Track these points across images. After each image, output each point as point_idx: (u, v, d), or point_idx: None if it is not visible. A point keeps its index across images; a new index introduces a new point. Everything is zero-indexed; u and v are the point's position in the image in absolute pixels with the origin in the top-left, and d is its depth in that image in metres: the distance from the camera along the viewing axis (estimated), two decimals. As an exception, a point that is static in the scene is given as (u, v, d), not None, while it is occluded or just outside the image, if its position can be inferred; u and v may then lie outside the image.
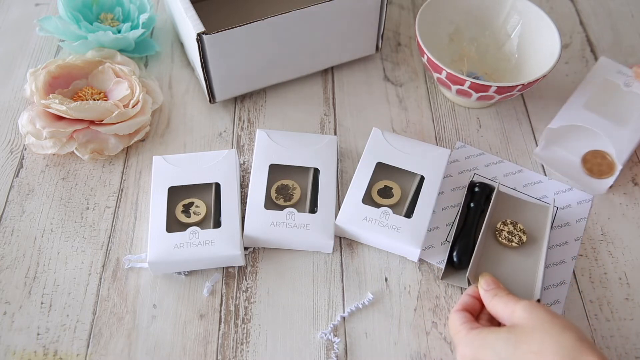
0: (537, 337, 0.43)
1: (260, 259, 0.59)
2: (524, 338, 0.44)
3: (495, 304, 0.49)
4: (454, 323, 0.50)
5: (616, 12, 0.84)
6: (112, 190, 0.63)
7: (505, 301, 0.48)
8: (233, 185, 0.59)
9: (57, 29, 0.72)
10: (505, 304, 0.48)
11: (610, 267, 0.59)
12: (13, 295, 0.56)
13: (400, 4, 0.83)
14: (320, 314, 0.56)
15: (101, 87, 0.69)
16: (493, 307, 0.50)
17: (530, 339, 0.43)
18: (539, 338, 0.43)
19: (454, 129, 0.70)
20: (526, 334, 0.44)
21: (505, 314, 0.48)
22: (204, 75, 0.65)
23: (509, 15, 0.73)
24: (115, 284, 0.57)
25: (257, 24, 0.62)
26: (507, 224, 0.60)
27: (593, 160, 0.65)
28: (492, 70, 0.73)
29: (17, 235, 0.60)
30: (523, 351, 0.43)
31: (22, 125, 0.65)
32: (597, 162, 0.65)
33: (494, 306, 0.50)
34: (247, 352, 0.53)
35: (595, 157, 0.65)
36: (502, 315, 0.48)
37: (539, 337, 0.43)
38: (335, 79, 0.74)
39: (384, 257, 0.59)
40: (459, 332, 0.49)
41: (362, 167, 0.62)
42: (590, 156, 0.66)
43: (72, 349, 0.53)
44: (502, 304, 0.49)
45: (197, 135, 0.68)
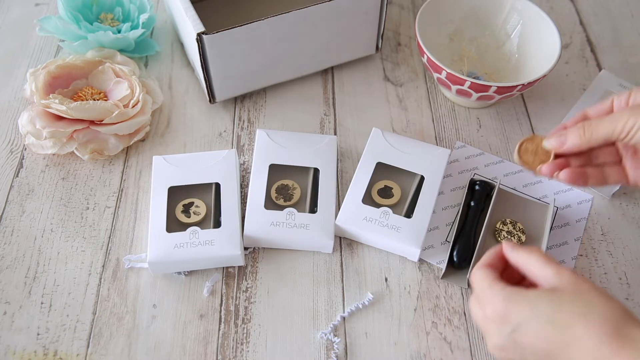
0: (584, 300, 0.41)
1: (260, 259, 0.59)
2: (570, 299, 0.41)
3: (531, 262, 0.45)
4: (483, 278, 0.46)
5: (616, 12, 0.84)
6: (112, 190, 0.63)
7: (544, 260, 0.44)
8: (233, 185, 0.59)
9: (57, 29, 0.72)
10: (545, 264, 0.44)
11: (610, 267, 0.59)
12: (13, 295, 0.56)
13: (400, 4, 0.83)
14: (320, 314, 0.56)
15: (101, 87, 0.68)
16: (526, 264, 0.45)
17: (576, 302, 0.41)
18: (587, 302, 0.41)
19: (454, 129, 0.70)
20: (572, 296, 0.41)
21: (543, 274, 0.44)
22: (204, 75, 0.65)
23: (509, 15, 0.73)
24: (115, 284, 0.57)
25: (257, 24, 0.62)
26: (506, 223, 0.60)
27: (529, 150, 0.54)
28: (492, 70, 0.73)
29: (17, 235, 0.60)
30: (568, 311, 0.41)
31: (22, 125, 0.65)
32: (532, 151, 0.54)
33: (527, 264, 0.45)
34: (247, 352, 0.53)
35: (528, 149, 0.54)
36: (539, 275, 0.44)
37: (587, 301, 0.41)
38: (335, 79, 0.74)
39: (384, 257, 0.59)
40: (490, 287, 0.45)
41: (362, 167, 0.62)
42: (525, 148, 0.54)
43: (72, 349, 0.53)
44: (540, 263, 0.44)
45: (197, 135, 0.68)
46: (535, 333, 0.42)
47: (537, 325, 0.42)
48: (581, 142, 0.49)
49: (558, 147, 0.50)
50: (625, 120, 0.46)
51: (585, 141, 0.49)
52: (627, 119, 0.46)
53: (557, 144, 0.50)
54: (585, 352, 0.40)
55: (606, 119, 0.48)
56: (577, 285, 0.42)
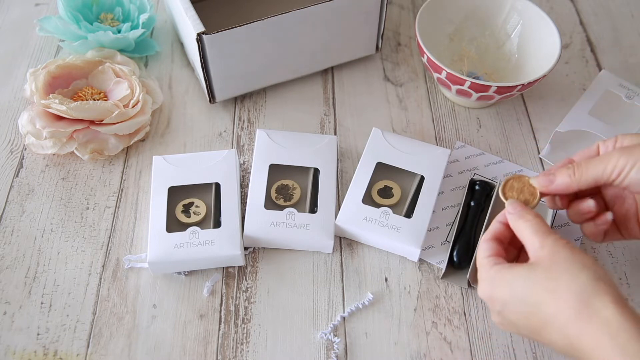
0: (554, 275, 0.42)
1: (260, 259, 0.59)
2: (542, 275, 0.42)
3: (522, 228, 0.46)
4: (480, 254, 0.47)
5: (616, 12, 0.84)
6: (112, 190, 0.64)
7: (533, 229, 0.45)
8: (233, 185, 0.59)
9: (57, 29, 0.72)
10: (534, 233, 0.45)
11: (610, 267, 0.59)
12: (13, 295, 0.56)
13: (400, 4, 0.83)
14: (320, 314, 0.56)
15: (101, 87, 0.69)
16: (519, 231, 0.46)
17: (547, 277, 0.42)
18: (556, 276, 0.41)
19: (454, 129, 0.70)
20: (545, 272, 0.42)
21: (531, 244, 0.45)
22: (204, 75, 0.65)
23: (509, 15, 0.73)
24: (115, 284, 0.57)
25: (257, 24, 0.62)
26: (507, 224, 0.60)
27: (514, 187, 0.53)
28: (492, 70, 0.73)
29: (17, 235, 0.60)
30: (539, 289, 0.42)
31: (22, 125, 0.65)
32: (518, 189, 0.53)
33: (520, 231, 0.46)
34: (247, 352, 0.53)
35: (514, 186, 0.53)
36: (528, 244, 0.45)
37: (556, 275, 0.42)
38: (335, 79, 0.74)
39: (384, 257, 0.59)
40: (482, 265, 0.46)
41: (362, 167, 0.62)
42: (511, 185, 0.53)
43: (72, 349, 0.53)
44: (529, 231, 0.45)
45: (197, 135, 0.68)
46: (516, 313, 0.43)
47: (515, 306, 0.43)
48: (571, 182, 0.48)
49: (546, 186, 0.50)
50: (615, 161, 0.46)
51: (575, 181, 0.48)
52: (617, 160, 0.45)
53: (545, 182, 0.50)
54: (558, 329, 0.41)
55: (596, 160, 0.47)
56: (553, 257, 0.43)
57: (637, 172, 0.45)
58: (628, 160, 0.45)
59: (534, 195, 0.52)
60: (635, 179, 0.45)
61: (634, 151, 0.45)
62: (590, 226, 0.50)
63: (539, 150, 0.68)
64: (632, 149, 0.46)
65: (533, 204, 0.51)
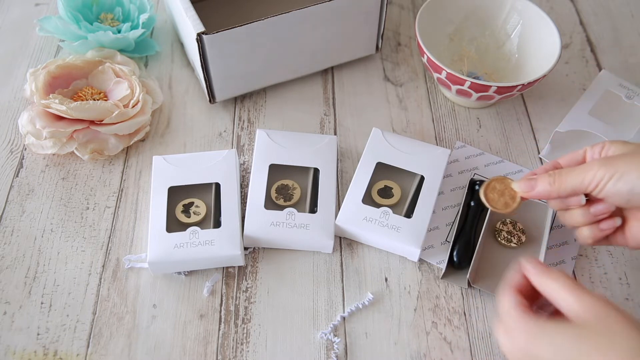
0: (605, 334, 0.39)
1: (260, 259, 0.59)
2: (591, 334, 0.39)
3: (551, 286, 0.43)
4: (506, 305, 0.44)
5: (616, 12, 0.84)
6: (112, 190, 0.63)
7: (566, 286, 0.42)
8: (233, 185, 0.59)
9: (57, 29, 0.72)
10: (568, 291, 0.42)
11: (610, 267, 0.59)
12: (13, 295, 0.56)
13: (400, 4, 0.83)
14: (320, 314, 0.56)
15: (101, 87, 0.69)
16: (547, 288, 0.43)
17: (597, 336, 0.39)
18: (608, 336, 0.39)
19: (454, 129, 0.70)
20: (593, 331, 0.39)
21: (566, 303, 0.42)
22: (204, 75, 0.65)
23: (509, 15, 0.73)
24: (115, 284, 0.57)
25: (257, 24, 0.62)
26: (506, 223, 0.60)
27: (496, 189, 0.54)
28: (492, 70, 0.73)
29: (17, 235, 0.60)
30: (588, 348, 0.39)
31: (22, 125, 0.65)
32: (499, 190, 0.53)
33: (548, 287, 0.43)
34: (247, 352, 0.53)
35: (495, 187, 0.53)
36: (561, 302, 0.42)
37: (608, 334, 0.39)
38: (335, 79, 0.74)
39: (384, 257, 0.59)
40: (513, 316, 0.43)
41: (362, 167, 0.62)
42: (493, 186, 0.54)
43: (72, 349, 0.53)
44: (561, 288, 0.42)
45: (197, 135, 0.68)
46: None
47: None
48: (550, 190, 0.48)
49: (527, 191, 0.50)
50: (594, 172, 0.45)
51: (554, 190, 0.48)
52: (596, 171, 0.45)
53: (527, 188, 0.50)
54: None
55: (576, 170, 0.47)
56: (599, 314, 0.40)
57: (614, 185, 0.44)
58: (606, 172, 0.45)
59: (514, 199, 0.52)
60: (611, 191, 0.45)
61: (613, 162, 0.45)
62: (594, 229, 0.49)
63: (539, 150, 0.68)
64: (612, 160, 0.45)
65: (512, 207, 0.52)
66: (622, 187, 0.44)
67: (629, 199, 0.44)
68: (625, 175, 0.44)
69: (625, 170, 0.44)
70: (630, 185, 0.44)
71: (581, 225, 0.50)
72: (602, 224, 0.48)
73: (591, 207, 0.48)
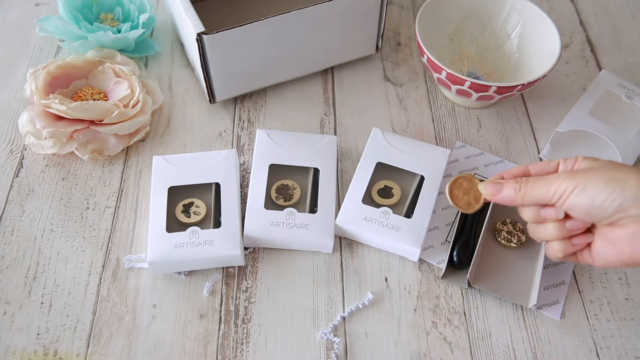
0: None
1: (260, 259, 0.59)
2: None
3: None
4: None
5: (616, 12, 0.84)
6: (112, 190, 0.63)
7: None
8: (233, 185, 0.59)
9: (57, 29, 0.72)
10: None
11: (611, 267, 0.59)
12: (13, 295, 0.56)
13: (400, 4, 0.83)
14: (320, 314, 0.56)
15: (101, 87, 0.69)
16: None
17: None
18: None
19: (454, 129, 0.70)
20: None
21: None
22: (204, 75, 0.65)
23: (509, 15, 0.73)
24: (115, 284, 0.57)
25: (257, 24, 0.62)
26: (506, 223, 0.60)
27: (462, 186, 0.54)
28: (492, 70, 0.73)
29: (17, 235, 0.60)
30: None
31: (22, 125, 0.65)
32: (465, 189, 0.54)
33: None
34: (247, 352, 0.53)
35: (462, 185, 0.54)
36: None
37: None
38: (335, 79, 0.74)
39: (384, 257, 0.59)
40: None
41: (362, 167, 0.62)
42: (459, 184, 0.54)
43: (72, 349, 0.53)
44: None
45: (197, 135, 0.68)
46: None
47: None
48: (515, 197, 0.49)
49: (492, 195, 0.50)
50: (559, 184, 0.46)
51: (519, 198, 0.48)
52: (560, 182, 0.46)
53: (492, 191, 0.50)
54: None
55: (543, 180, 0.47)
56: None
57: (575, 197, 0.45)
58: (569, 185, 0.45)
59: (478, 200, 0.52)
60: (573, 203, 0.45)
61: (577, 175, 0.45)
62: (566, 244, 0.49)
63: (539, 150, 0.68)
64: (577, 173, 0.46)
65: (475, 209, 0.52)
66: (582, 199, 0.44)
67: (589, 212, 0.45)
68: (587, 188, 0.44)
69: (587, 183, 0.44)
70: (591, 198, 0.44)
71: (553, 239, 0.49)
72: (575, 239, 0.48)
73: (567, 222, 0.48)
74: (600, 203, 0.44)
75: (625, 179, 0.43)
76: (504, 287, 0.57)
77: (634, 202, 0.43)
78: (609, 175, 0.44)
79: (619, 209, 0.43)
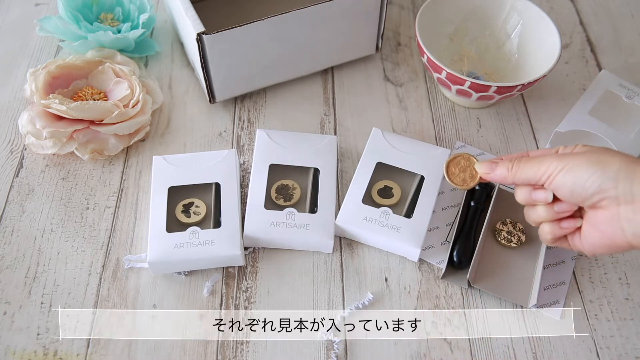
0: None
1: (260, 259, 0.59)
2: None
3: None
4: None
5: (616, 12, 0.84)
6: (112, 190, 0.63)
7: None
8: (233, 185, 0.59)
9: (57, 29, 0.72)
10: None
11: (610, 267, 0.59)
12: (13, 295, 0.56)
13: (400, 4, 0.83)
14: (320, 314, 0.56)
15: (101, 87, 0.69)
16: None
17: None
18: None
19: (454, 129, 0.70)
20: None
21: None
22: (204, 75, 0.65)
23: (509, 15, 0.73)
24: (115, 284, 0.57)
25: (257, 24, 0.62)
26: (506, 223, 0.60)
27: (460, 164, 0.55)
28: (492, 70, 0.73)
29: (17, 235, 0.60)
30: None
31: (22, 125, 0.65)
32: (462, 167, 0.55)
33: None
34: (247, 352, 0.53)
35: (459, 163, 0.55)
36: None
37: None
38: (335, 79, 0.74)
39: (384, 257, 0.59)
40: None
41: (362, 167, 0.62)
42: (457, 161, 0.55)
43: (72, 349, 0.53)
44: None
45: (197, 135, 0.68)
46: None
47: None
48: (507, 176, 0.50)
49: (486, 173, 0.52)
50: (548, 164, 0.47)
51: (510, 176, 0.50)
52: (550, 163, 0.47)
53: (487, 169, 0.52)
54: None
55: (533, 160, 0.48)
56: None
57: (562, 176, 0.46)
58: (558, 165, 0.46)
59: (474, 178, 0.54)
60: (559, 182, 0.46)
61: (566, 157, 0.46)
62: (555, 227, 0.50)
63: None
64: (567, 156, 0.47)
65: (469, 186, 0.54)
66: (567, 179, 0.46)
67: (572, 192, 0.46)
68: (573, 169, 0.46)
69: (574, 164, 0.46)
70: (575, 177, 0.45)
71: (544, 221, 0.51)
72: (563, 222, 0.50)
73: (555, 205, 0.49)
74: (582, 183, 0.45)
75: (609, 161, 0.45)
76: (504, 287, 0.57)
77: (613, 182, 0.44)
78: (595, 158, 0.45)
79: (599, 190, 0.44)
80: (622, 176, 0.43)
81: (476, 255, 0.57)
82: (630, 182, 0.43)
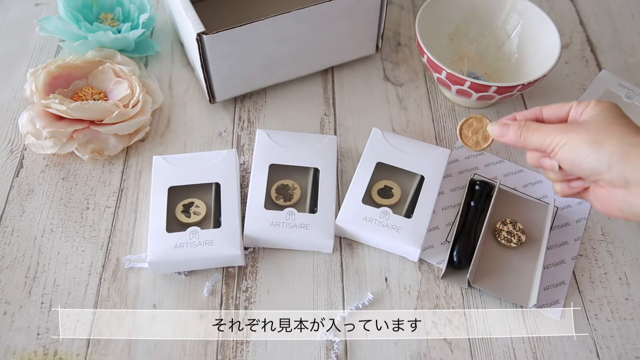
0: None
1: (260, 259, 0.59)
2: None
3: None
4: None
5: (616, 12, 0.84)
6: (112, 190, 0.64)
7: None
8: (233, 185, 0.59)
9: (57, 29, 0.72)
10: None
11: (610, 267, 0.59)
12: (13, 295, 0.56)
13: (400, 4, 0.83)
14: (320, 314, 0.56)
15: (101, 87, 0.69)
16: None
17: None
18: None
19: (454, 129, 0.70)
20: None
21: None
22: (204, 75, 0.65)
23: (509, 15, 0.73)
24: (115, 284, 0.57)
25: (257, 24, 0.62)
26: (506, 223, 0.60)
27: (472, 126, 0.56)
28: (492, 70, 0.73)
29: (17, 235, 0.60)
30: None
31: (22, 125, 0.65)
32: (475, 129, 0.56)
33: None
34: (247, 352, 0.53)
35: (472, 124, 0.56)
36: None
37: None
38: (335, 79, 0.74)
39: (384, 257, 0.59)
40: None
41: (362, 167, 0.62)
42: (470, 123, 0.56)
43: (72, 349, 0.53)
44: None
45: (197, 135, 0.68)
46: None
47: None
48: (516, 141, 0.51)
49: (498, 136, 0.53)
50: (553, 137, 0.48)
51: (519, 142, 0.51)
52: (555, 136, 0.48)
53: (499, 133, 0.53)
54: None
55: (541, 130, 0.49)
56: None
57: (564, 152, 0.47)
58: (561, 139, 0.47)
59: (487, 139, 0.54)
60: (561, 157, 0.47)
61: (569, 131, 0.47)
62: (565, 186, 0.51)
63: (539, 150, 0.68)
64: (570, 129, 0.47)
65: (482, 147, 0.54)
66: (567, 155, 0.47)
67: (571, 168, 0.47)
68: (573, 147, 0.46)
69: (575, 142, 0.46)
70: (573, 155, 0.46)
71: (554, 181, 0.53)
72: (572, 182, 0.51)
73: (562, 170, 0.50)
74: (579, 162, 0.46)
75: (604, 142, 0.45)
76: (504, 287, 0.57)
77: (606, 166, 0.44)
78: (592, 137, 0.45)
79: (593, 171, 0.45)
80: (615, 160, 0.44)
81: (476, 255, 0.57)
82: (624, 166, 0.44)
